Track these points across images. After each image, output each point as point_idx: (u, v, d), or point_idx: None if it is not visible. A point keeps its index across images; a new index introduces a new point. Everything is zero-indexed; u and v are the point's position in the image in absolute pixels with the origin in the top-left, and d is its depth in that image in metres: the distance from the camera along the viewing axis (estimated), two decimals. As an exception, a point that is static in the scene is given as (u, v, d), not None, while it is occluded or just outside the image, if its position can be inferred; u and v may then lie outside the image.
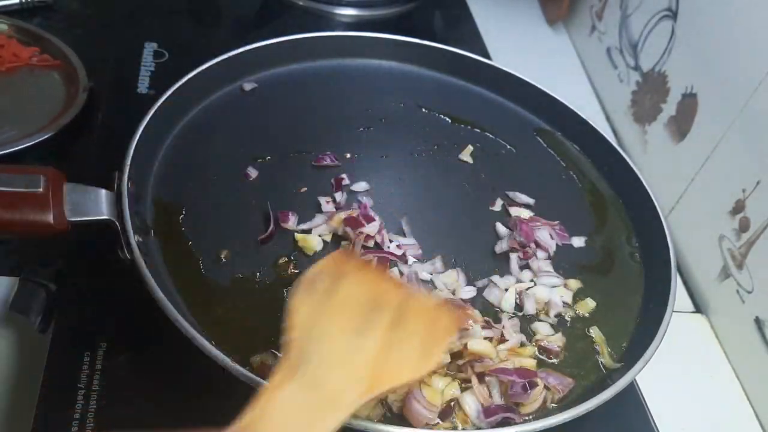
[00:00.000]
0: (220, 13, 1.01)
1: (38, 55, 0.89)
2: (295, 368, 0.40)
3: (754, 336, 0.69)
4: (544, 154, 0.79)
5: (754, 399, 0.70)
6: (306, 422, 0.38)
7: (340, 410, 0.39)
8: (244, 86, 0.76)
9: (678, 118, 0.83)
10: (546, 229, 0.69)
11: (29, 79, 0.86)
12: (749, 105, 0.71)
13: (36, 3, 0.95)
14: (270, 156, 0.70)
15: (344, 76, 0.81)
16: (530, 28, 1.12)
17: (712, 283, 0.76)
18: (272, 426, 0.37)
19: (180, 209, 0.63)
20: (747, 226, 0.71)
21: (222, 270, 0.60)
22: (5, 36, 0.90)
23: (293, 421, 0.38)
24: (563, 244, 0.69)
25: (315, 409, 0.39)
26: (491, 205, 0.72)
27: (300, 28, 0.81)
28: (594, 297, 0.65)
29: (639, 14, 0.93)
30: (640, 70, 0.92)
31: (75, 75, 0.85)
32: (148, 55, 0.86)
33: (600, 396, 0.53)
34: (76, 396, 0.53)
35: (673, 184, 0.82)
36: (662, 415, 0.65)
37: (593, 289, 0.66)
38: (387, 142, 0.75)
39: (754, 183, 0.70)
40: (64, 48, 0.88)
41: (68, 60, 0.87)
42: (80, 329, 0.58)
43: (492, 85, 0.83)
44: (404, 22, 1.03)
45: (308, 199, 0.67)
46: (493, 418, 0.54)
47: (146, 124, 0.64)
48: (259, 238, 0.63)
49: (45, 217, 0.53)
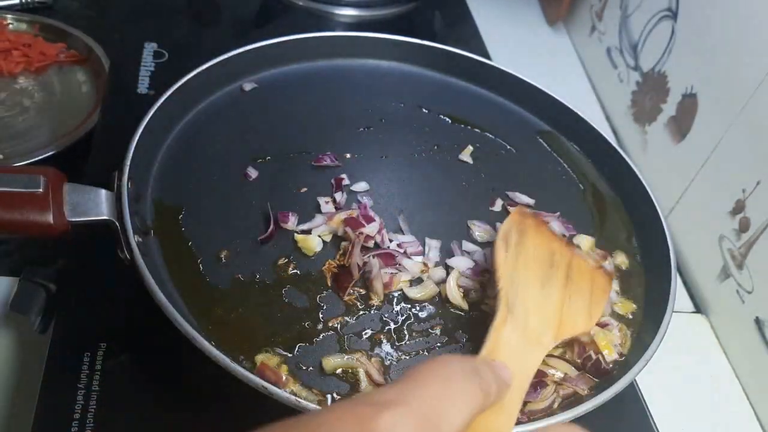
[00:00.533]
0: (220, 13, 1.01)
1: (65, 51, 0.89)
2: (509, 313, 0.47)
3: (754, 336, 0.69)
4: (544, 154, 0.79)
5: (754, 399, 0.70)
6: (521, 354, 0.45)
7: (540, 348, 0.47)
8: (244, 86, 0.76)
9: (678, 118, 0.83)
10: (555, 222, 0.68)
11: (58, 78, 0.87)
12: (749, 105, 0.71)
13: (36, 3, 0.95)
14: (270, 156, 0.70)
15: (344, 76, 0.81)
16: (530, 28, 1.12)
17: (712, 283, 0.76)
18: (503, 354, 0.44)
19: (180, 209, 0.63)
20: (747, 226, 0.71)
21: (222, 270, 0.60)
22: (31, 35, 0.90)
23: (514, 353, 0.45)
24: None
25: (525, 344, 0.46)
26: (491, 205, 0.72)
27: (300, 28, 0.81)
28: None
29: (639, 14, 0.93)
30: (640, 70, 0.92)
31: (102, 70, 0.86)
32: (148, 55, 0.86)
33: (600, 396, 0.53)
34: (76, 396, 0.53)
35: (673, 184, 0.82)
36: (662, 415, 0.65)
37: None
38: (387, 142, 0.75)
39: (754, 183, 0.70)
40: (91, 42, 0.89)
41: (95, 55, 0.88)
42: (80, 329, 0.58)
43: (492, 85, 0.83)
44: (404, 22, 1.03)
45: (308, 199, 0.67)
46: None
47: (146, 124, 0.64)
48: (259, 239, 0.63)
49: (45, 218, 0.53)
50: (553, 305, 0.50)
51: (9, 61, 0.86)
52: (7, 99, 0.84)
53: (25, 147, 0.79)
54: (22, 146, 0.79)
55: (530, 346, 0.46)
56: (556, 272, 0.53)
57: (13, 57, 0.87)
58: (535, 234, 0.57)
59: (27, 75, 0.87)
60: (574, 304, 0.51)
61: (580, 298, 0.52)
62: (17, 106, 0.83)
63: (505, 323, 0.46)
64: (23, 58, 0.87)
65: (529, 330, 0.47)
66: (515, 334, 0.46)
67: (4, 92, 0.85)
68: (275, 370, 0.53)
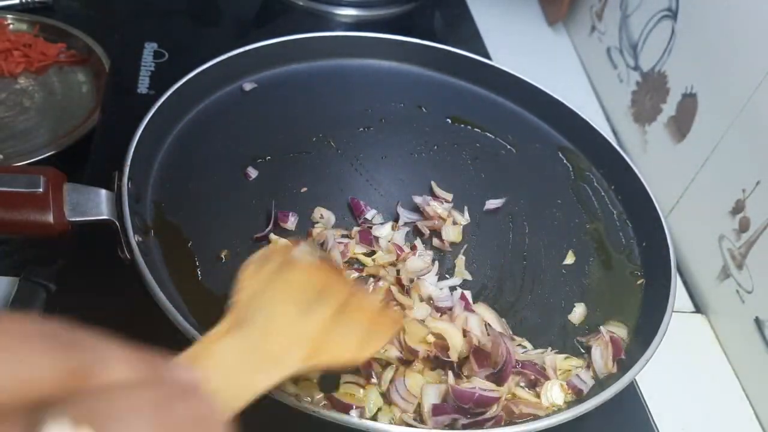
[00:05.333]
0: (220, 13, 1.01)
1: (65, 52, 0.89)
2: (236, 327, 0.42)
3: (754, 336, 0.69)
4: (544, 154, 0.79)
5: (754, 399, 0.70)
6: (243, 369, 0.40)
7: (276, 370, 0.42)
8: (244, 86, 0.76)
9: (678, 118, 0.83)
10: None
11: (58, 78, 0.87)
12: (749, 105, 0.71)
13: (36, 3, 0.95)
14: (270, 156, 0.70)
15: (344, 76, 0.81)
16: (530, 28, 1.12)
17: (712, 283, 0.76)
18: (211, 364, 0.39)
19: (180, 209, 0.63)
20: (747, 226, 0.71)
21: (222, 270, 0.60)
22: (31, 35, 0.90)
23: (229, 369, 0.40)
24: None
25: (251, 363, 0.41)
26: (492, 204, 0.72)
27: (300, 28, 0.81)
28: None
29: (639, 14, 0.93)
30: (640, 70, 0.92)
31: (102, 70, 0.86)
32: (148, 56, 0.86)
33: (600, 396, 0.53)
34: (76, 396, 0.53)
35: (673, 184, 0.82)
36: (662, 415, 0.65)
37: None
38: (387, 142, 0.75)
39: (754, 183, 0.70)
40: (91, 43, 0.89)
41: (95, 55, 0.88)
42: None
43: (492, 85, 0.83)
44: (404, 22, 1.03)
45: (308, 199, 0.67)
46: (441, 417, 0.53)
47: (146, 124, 0.64)
48: (255, 236, 0.62)
49: (45, 217, 0.53)
50: (308, 332, 0.46)
51: (9, 61, 0.86)
52: (7, 99, 0.84)
53: (25, 147, 0.79)
54: (23, 146, 0.79)
55: (263, 363, 0.42)
56: (324, 304, 0.49)
57: (14, 57, 0.87)
58: (306, 268, 0.52)
59: (27, 75, 0.87)
60: (344, 334, 0.48)
61: (352, 331, 0.49)
62: (17, 107, 0.83)
63: (227, 336, 0.42)
64: (24, 58, 0.87)
65: (263, 350, 0.43)
66: (238, 350, 0.41)
67: (4, 92, 0.85)
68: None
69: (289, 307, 0.47)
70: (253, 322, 0.44)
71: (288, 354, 0.44)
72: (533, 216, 0.73)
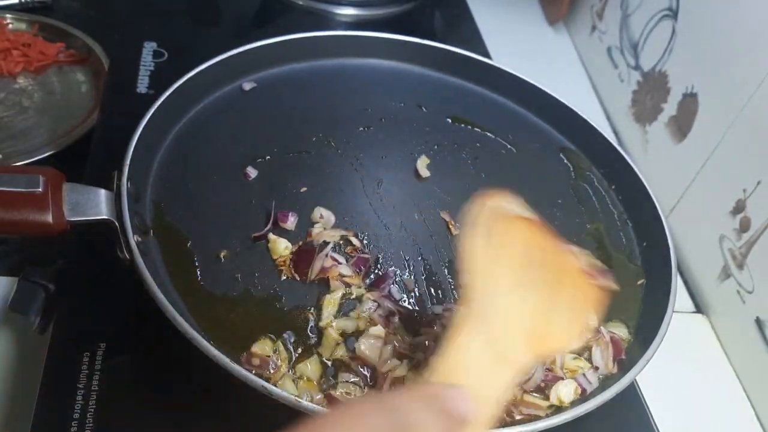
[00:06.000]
0: (220, 12, 1.01)
1: (65, 51, 0.88)
2: (477, 320, 0.38)
3: (754, 336, 0.69)
4: (545, 153, 0.79)
5: (754, 399, 0.70)
6: (484, 374, 0.37)
7: (509, 369, 0.38)
8: (243, 86, 0.76)
9: (678, 118, 0.83)
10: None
11: (58, 77, 0.87)
12: (750, 105, 0.71)
13: (35, 3, 0.95)
14: (270, 156, 0.70)
15: (344, 76, 0.81)
16: (530, 28, 1.12)
17: (713, 283, 0.76)
18: (467, 376, 0.36)
19: (179, 209, 0.63)
20: (748, 226, 0.71)
21: (221, 270, 0.60)
22: (30, 35, 0.90)
23: (474, 372, 0.37)
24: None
25: (490, 362, 0.37)
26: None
27: (300, 28, 0.80)
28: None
29: (639, 14, 0.93)
30: (640, 69, 0.92)
31: (102, 70, 0.86)
32: (148, 55, 0.86)
33: (600, 396, 0.53)
34: (76, 396, 0.53)
35: (673, 184, 0.82)
36: (662, 415, 0.65)
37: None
38: (387, 142, 0.75)
39: (755, 183, 0.70)
40: (90, 42, 0.89)
41: (94, 54, 0.88)
42: (80, 329, 0.58)
43: (492, 84, 0.83)
44: (404, 22, 1.03)
45: (308, 199, 0.67)
46: None
47: (146, 124, 0.64)
48: (253, 236, 0.62)
49: (44, 217, 0.53)
50: (527, 313, 0.40)
51: (9, 60, 0.86)
52: (6, 99, 0.84)
53: (24, 147, 0.79)
54: (22, 146, 0.79)
55: (496, 364, 0.37)
56: (538, 274, 0.43)
57: (13, 57, 0.87)
58: (512, 222, 0.46)
59: (26, 75, 0.87)
60: (557, 314, 0.42)
61: (566, 308, 0.42)
62: (17, 106, 0.83)
63: (471, 333, 0.37)
64: (23, 57, 0.87)
65: (498, 346, 0.38)
66: (480, 348, 0.37)
67: (3, 92, 0.85)
68: (263, 356, 0.54)
69: (514, 287, 0.41)
70: (487, 314, 0.39)
71: (513, 347, 0.39)
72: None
